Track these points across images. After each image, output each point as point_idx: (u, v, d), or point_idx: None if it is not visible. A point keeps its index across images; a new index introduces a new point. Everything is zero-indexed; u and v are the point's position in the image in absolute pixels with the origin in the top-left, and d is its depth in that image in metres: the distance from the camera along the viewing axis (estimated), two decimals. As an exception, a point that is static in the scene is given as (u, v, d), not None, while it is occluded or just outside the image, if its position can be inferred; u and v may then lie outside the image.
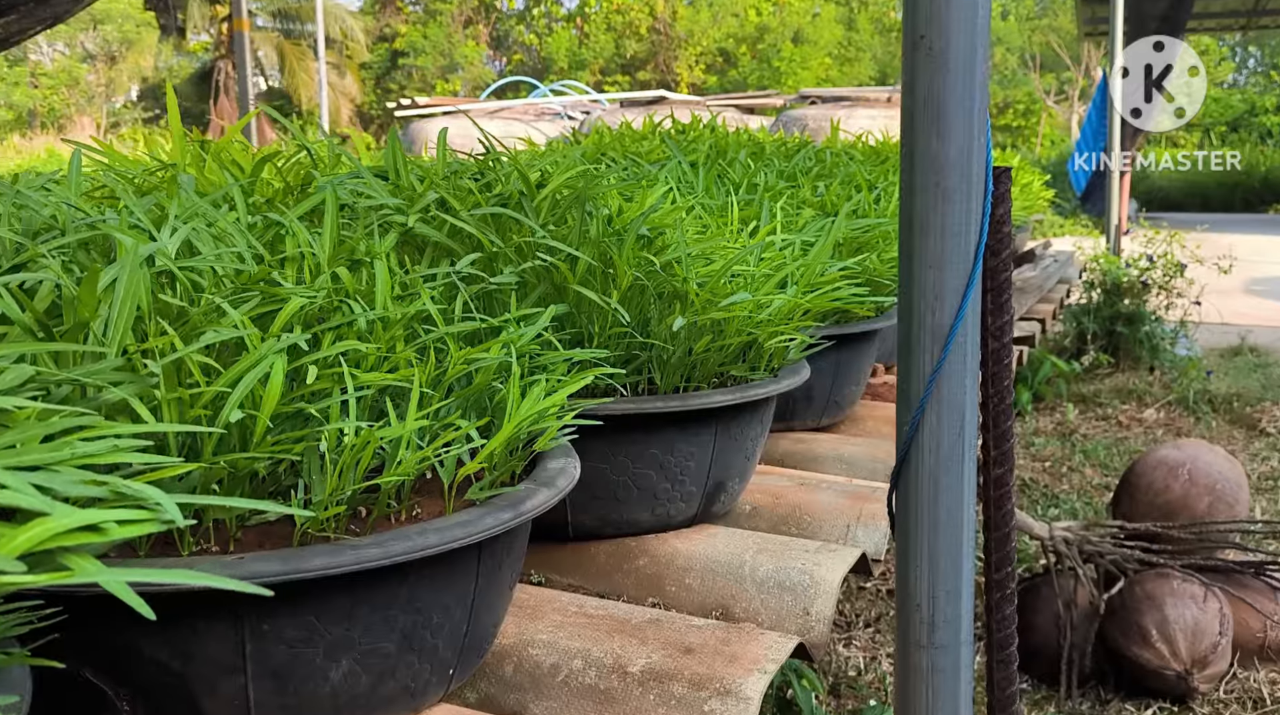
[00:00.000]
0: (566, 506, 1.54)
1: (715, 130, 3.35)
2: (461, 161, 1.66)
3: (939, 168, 0.77)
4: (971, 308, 0.80)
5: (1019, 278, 4.31)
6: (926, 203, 0.78)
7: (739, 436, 1.62)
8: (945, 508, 0.83)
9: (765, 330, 1.59)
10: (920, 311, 0.81)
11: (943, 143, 0.76)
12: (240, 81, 6.40)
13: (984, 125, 0.78)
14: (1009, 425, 0.82)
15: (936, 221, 0.77)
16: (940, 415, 0.82)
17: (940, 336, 0.80)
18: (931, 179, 0.77)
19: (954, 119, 0.76)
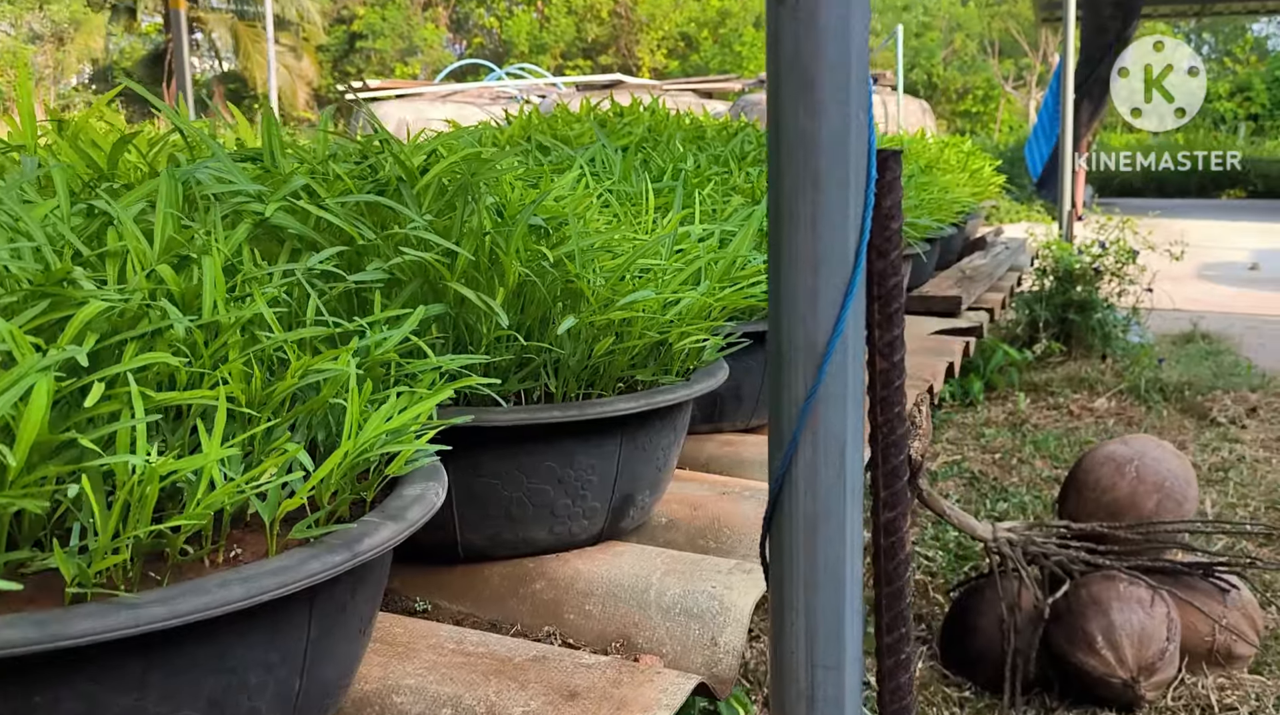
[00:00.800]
0: (455, 525, 1.40)
1: (656, 113, 3.21)
2: (347, 143, 1.50)
3: (809, 149, 0.63)
4: (853, 320, 0.66)
5: (969, 266, 4.21)
6: (795, 191, 0.64)
7: (648, 446, 1.48)
8: (824, 562, 0.70)
9: (675, 330, 1.46)
10: (790, 323, 0.67)
11: (813, 118, 0.63)
12: (178, 63, 6.18)
13: (865, 99, 0.64)
14: (902, 460, 0.69)
15: (806, 213, 0.64)
16: (816, 449, 0.68)
17: (815, 354, 0.66)
18: (800, 162, 0.63)
19: (826, 90, 0.62)
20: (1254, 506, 3.55)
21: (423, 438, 1.04)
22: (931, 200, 3.28)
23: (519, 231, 1.29)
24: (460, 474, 1.36)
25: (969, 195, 4.07)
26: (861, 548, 0.72)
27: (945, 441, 4.38)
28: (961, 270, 4.06)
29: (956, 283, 3.72)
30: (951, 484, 3.88)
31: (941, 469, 4.01)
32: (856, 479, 0.71)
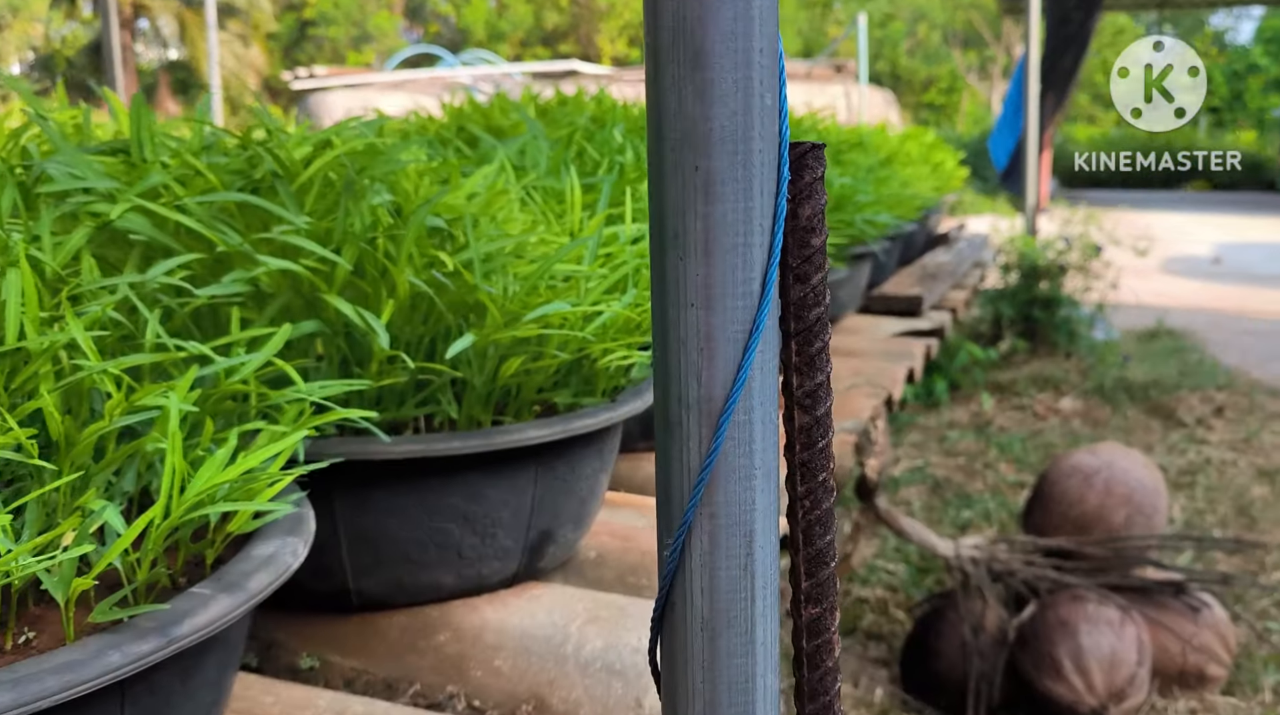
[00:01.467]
0: (346, 570, 1.23)
1: (603, 102, 3.04)
2: (226, 133, 1.33)
3: (698, 145, 0.47)
4: (761, 367, 0.50)
5: (932, 263, 4.07)
6: (682, 201, 0.48)
7: (568, 477, 1.32)
8: (729, 680, 0.54)
9: (598, 346, 1.29)
10: (679, 374, 0.51)
11: (703, 103, 0.46)
12: (106, 50, 5.92)
13: (774, 77, 0.48)
14: (829, 541, 0.53)
15: (696, 231, 0.48)
16: (716, 536, 0.52)
17: (711, 413, 0.50)
18: (687, 163, 0.47)
19: (720, 66, 0.46)
20: (1222, 512, 3.44)
21: (276, 486, 0.86)
22: (891, 195, 3.13)
23: (411, 234, 1.12)
24: (350, 513, 1.19)
25: (931, 189, 3.93)
26: (777, 659, 0.56)
27: (909, 445, 4.25)
28: (924, 267, 3.93)
29: (918, 281, 3.58)
30: (915, 491, 3.74)
31: (904, 475, 3.87)
32: (769, 572, 0.55)
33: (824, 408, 0.54)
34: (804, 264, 0.52)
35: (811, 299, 0.53)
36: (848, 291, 3.06)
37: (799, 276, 0.53)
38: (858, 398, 2.31)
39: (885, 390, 2.40)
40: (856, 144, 3.54)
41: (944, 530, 3.42)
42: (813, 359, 0.54)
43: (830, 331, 0.55)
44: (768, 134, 0.49)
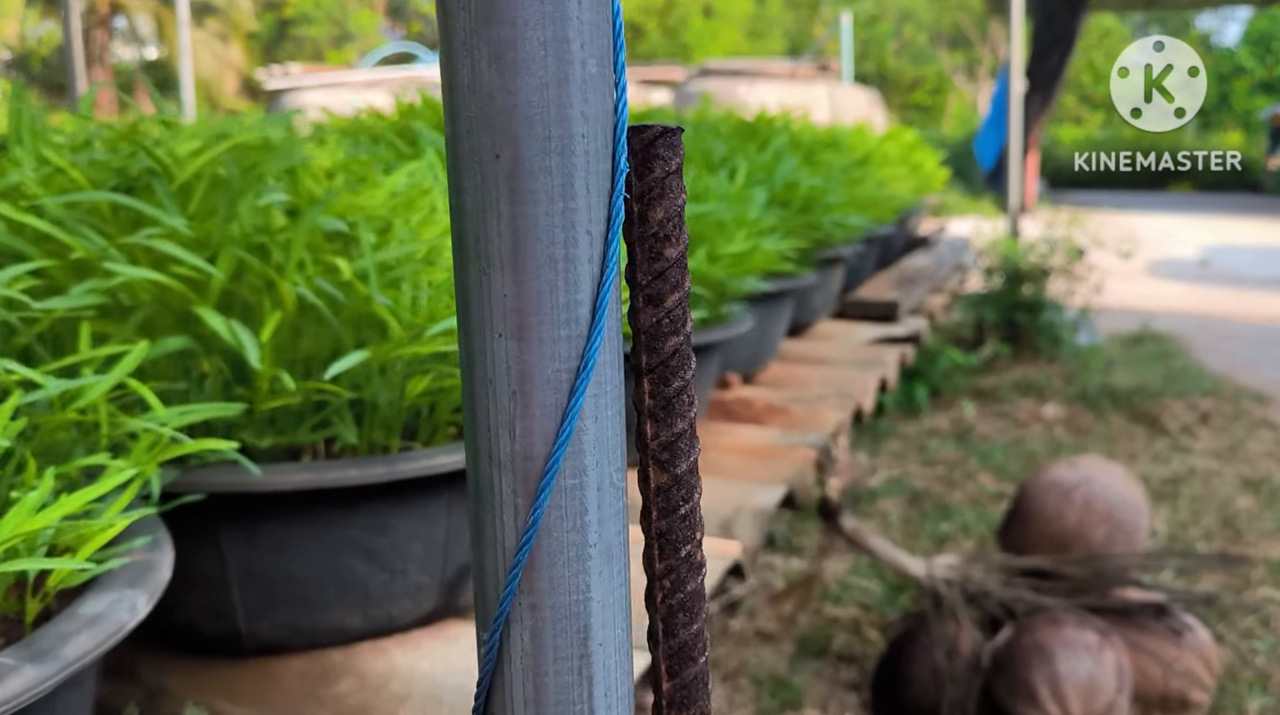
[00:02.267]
0: (238, 612, 1.10)
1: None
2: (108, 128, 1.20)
3: (495, 122, 0.35)
4: (594, 415, 0.38)
5: (911, 266, 3.97)
6: (481, 195, 0.36)
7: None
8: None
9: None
10: (489, 422, 0.39)
11: (501, 69, 0.34)
12: (66, 47, 5.77)
13: (602, 40, 0.36)
14: (696, 631, 0.41)
15: (500, 240, 0.36)
16: (538, 633, 0.41)
17: (528, 476, 0.38)
18: (485, 145, 0.35)
19: (523, 19, 0.34)
20: (1207, 524, 3.34)
21: (110, 530, 0.74)
22: (865, 197, 3.02)
23: (301, 239, 1.00)
24: (240, 550, 1.07)
25: (909, 190, 3.82)
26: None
27: (889, 454, 4.14)
28: (902, 271, 3.82)
29: (895, 285, 3.47)
30: (893, 503, 3.63)
31: (882, 486, 3.76)
32: (615, 677, 0.43)
33: (686, 463, 0.43)
34: (656, 282, 0.41)
35: (668, 326, 0.41)
36: (820, 297, 2.95)
37: (651, 298, 0.41)
38: (825, 410, 2.20)
39: (855, 401, 2.28)
40: (830, 144, 3.43)
41: (922, 544, 3.31)
42: (670, 402, 0.42)
43: (693, 367, 0.43)
44: (595, 113, 0.37)
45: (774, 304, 2.40)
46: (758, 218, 1.98)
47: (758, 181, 2.40)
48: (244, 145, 1.08)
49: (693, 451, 0.43)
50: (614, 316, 0.39)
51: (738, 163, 2.54)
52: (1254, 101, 24.61)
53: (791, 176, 2.48)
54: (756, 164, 2.48)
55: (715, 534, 1.63)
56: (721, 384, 2.32)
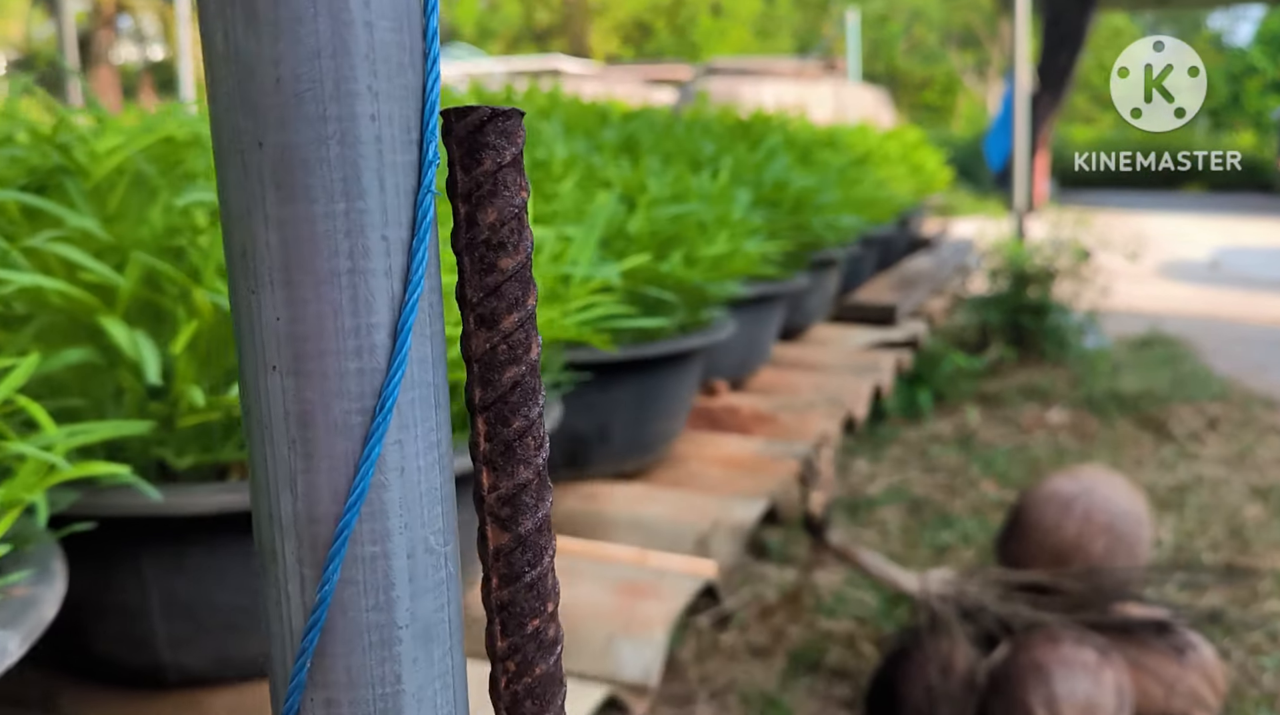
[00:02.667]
0: (159, 641, 1.03)
1: (555, 97, 2.85)
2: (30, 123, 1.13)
3: (255, 101, 0.27)
4: (398, 466, 0.31)
5: (911, 268, 3.88)
6: (244, 193, 0.29)
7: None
8: None
9: (472, 373, 1.09)
10: (268, 476, 0.32)
11: (258, 32, 0.27)
12: (59, 45, 5.73)
13: (411, 4, 0.28)
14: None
15: (269, 243, 0.28)
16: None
17: (315, 541, 0.31)
18: (247, 130, 0.27)
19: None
20: (1214, 534, 3.24)
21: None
22: (862, 197, 2.94)
23: (220, 243, 0.92)
24: (162, 576, 1.00)
25: (910, 191, 3.74)
26: None
27: (890, 460, 4.05)
28: (902, 273, 3.73)
29: (894, 288, 3.38)
30: (892, 511, 3.55)
31: (882, 494, 3.68)
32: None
33: (533, 520, 0.35)
34: (490, 299, 0.33)
35: (505, 353, 0.33)
36: (815, 300, 2.87)
37: (484, 319, 0.33)
38: (815, 418, 2.12)
39: (846, 409, 2.20)
40: (828, 143, 3.35)
41: (921, 554, 3.23)
42: (510, 446, 0.34)
43: (541, 402, 0.35)
44: (390, 90, 0.29)
45: (763, 308, 2.32)
46: (742, 218, 1.90)
47: (746, 181, 2.32)
48: (171, 140, 1.01)
49: (540, 505, 0.35)
50: (428, 343, 0.32)
51: (725, 161, 2.46)
52: (1266, 101, 24.43)
53: (782, 176, 2.40)
54: (745, 163, 2.40)
55: (691, 551, 1.55)
56: (708, 391, 2.24)
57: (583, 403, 1.66)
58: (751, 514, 1.58)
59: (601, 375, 1.65)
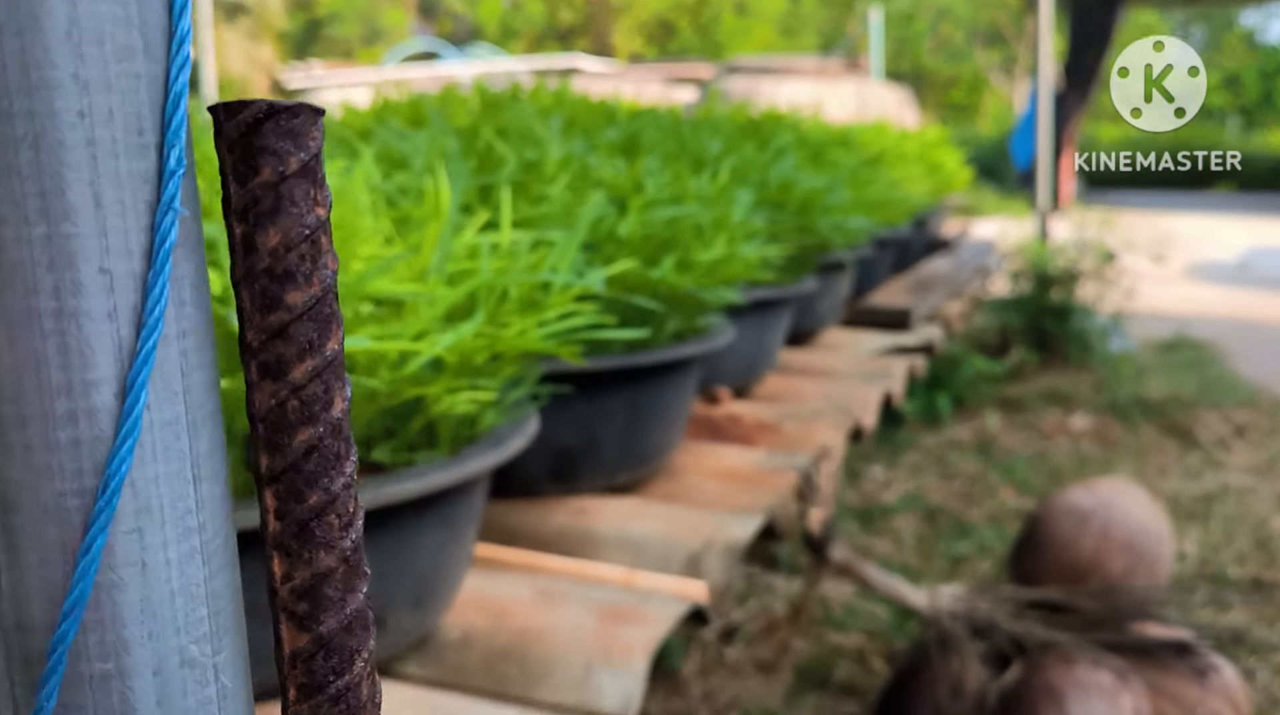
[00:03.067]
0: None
1: (562, 96, 2.79)
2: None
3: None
4: (138, 562, 0.24)
5: (928, 270, 3.79)
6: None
7: (396, 550, 1.06)
8: None
9: (437, 387, 1.03)
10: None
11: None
12: None
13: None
14: None
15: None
16: None
17: (30, 657, 0.24)
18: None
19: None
20: (1240, 547, 3.14)
21: None
22: (876, 198, 2.86)
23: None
24: None
25: (927, 191, 3.65)
26: None
27: (906, 467, 3.97)
28: (918, 276, 3.65)
29: (910, 291, 3.30)
30: (907, 520, 3.46)
31: (898, 502, 3.59)
32: None
33: (339, 617, 0.28)
34: (275, 343, 0.26)
35: (296, 411, 0.27)
36: (825, 303, 2.79)
37: (268, 368, 0.26)
38: (820, 428, 2.04)
39: (854, 418, 2.12)
40: (842, 142, 3.27)
41: (936, 565, 3.14)
42: (307, 527, 0.28)
43: (350, 469, 0.28)
44: (108, 79, 0.22)
45: (769, 313, 2.25)
46: (743, 221, 1.83)
47: (750, 182, 2.25)
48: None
49: (349, 599, 0.29)
50: (181, 401, 0.25)
51: (728, 161, 2.39)
52: (1299, 99, 24.08)
53: (788, 176, 2.32)
54: (751, 163, 2.32)
55: (681, 571, 1.48)
56: (710, 398, 2.17)
57: (570, 414, 1.60)
58: (746, 531, 1.51)
59: (590, 385, 1.58)
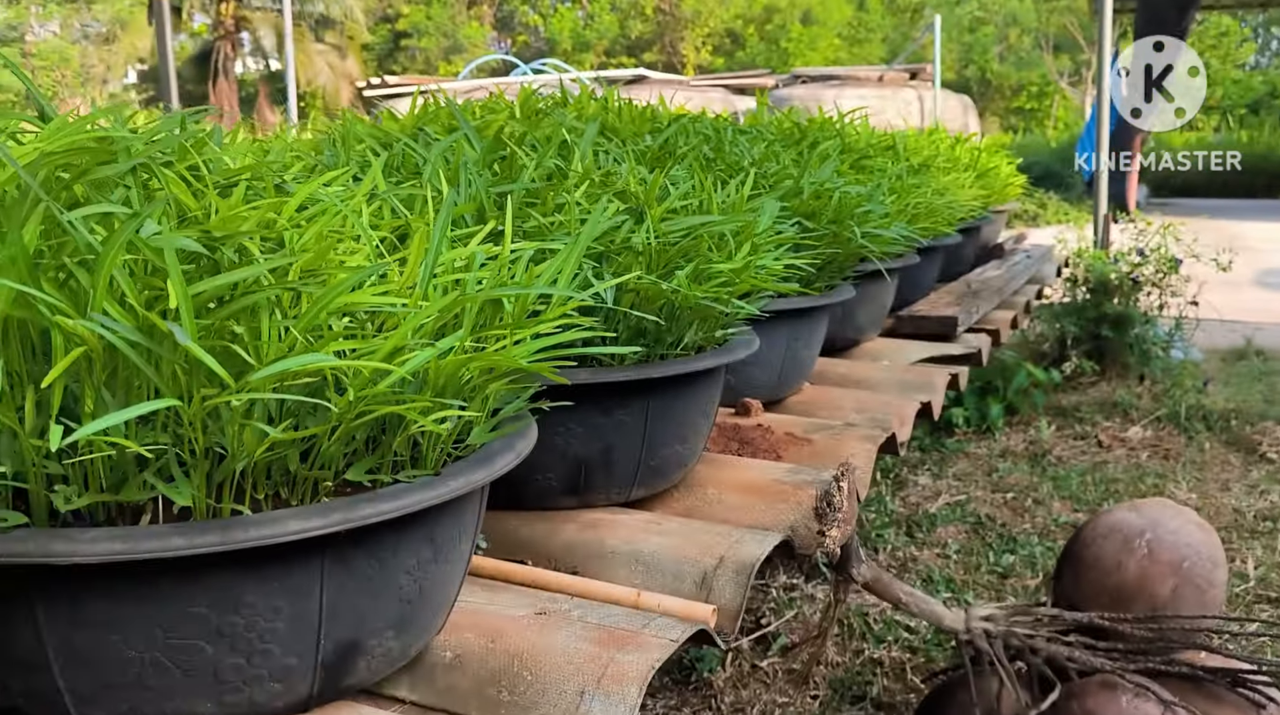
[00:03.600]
0: (63, 697, 0.94)
1: (608, 104, 2.76)
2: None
3: None
4: None
5: (978, 278, 3.70)
6: None
7: (376, 573, 1.02)
8: None
9: (417, 404, 0.99)
10: None
11: None
12: (160, 51, 5.82)
13: None
14: None
15: None
16: None
17: None
18: None
19: None
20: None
21: None
22: (921, 205, 2.79)
23: (107, 264, 0.83)
24: (61, 628, 0.92)
25: (975, 198, 3.55)
26: None
27: (954, 476, 3.87)
28: (968, 283, 3.55)
29: (957, 299, 3.21)
30: (952, 531, 3.37)
31: (942, 511, 3.50)
32: None
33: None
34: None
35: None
36: (866, 312, 2.72)
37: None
38: (851, 441, 1.98)
39: (887, 432, 2.06)
40: (887, 148, 3.19)
41: (981, 578, 3.05)
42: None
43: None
44: None
45: (803, 322, 2.19)
46: (767, 229, 1.78)
47: (784, 189, 2.20)
48: (78, 147, 0.92)
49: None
50: None
51: (768, 168, 2.34)
52: (1381, 102, 23.33)
53: (828, 183, 2.27)
54: (785, 170, 2.27)
55: (691, 590, 1.43)
56: (741, 410, 2.12)
57: (585, 426, 1.56)
58: (762, 550, 1.45)
59: (602, 397, 1.54)
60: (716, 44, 31.00)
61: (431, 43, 31.84)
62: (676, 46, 30.63)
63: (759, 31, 29.85)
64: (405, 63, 32.75)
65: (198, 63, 29.53)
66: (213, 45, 28.49)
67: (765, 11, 29.77)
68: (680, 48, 30.50)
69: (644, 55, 30.29)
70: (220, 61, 27.95)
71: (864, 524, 3.31)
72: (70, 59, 30.81)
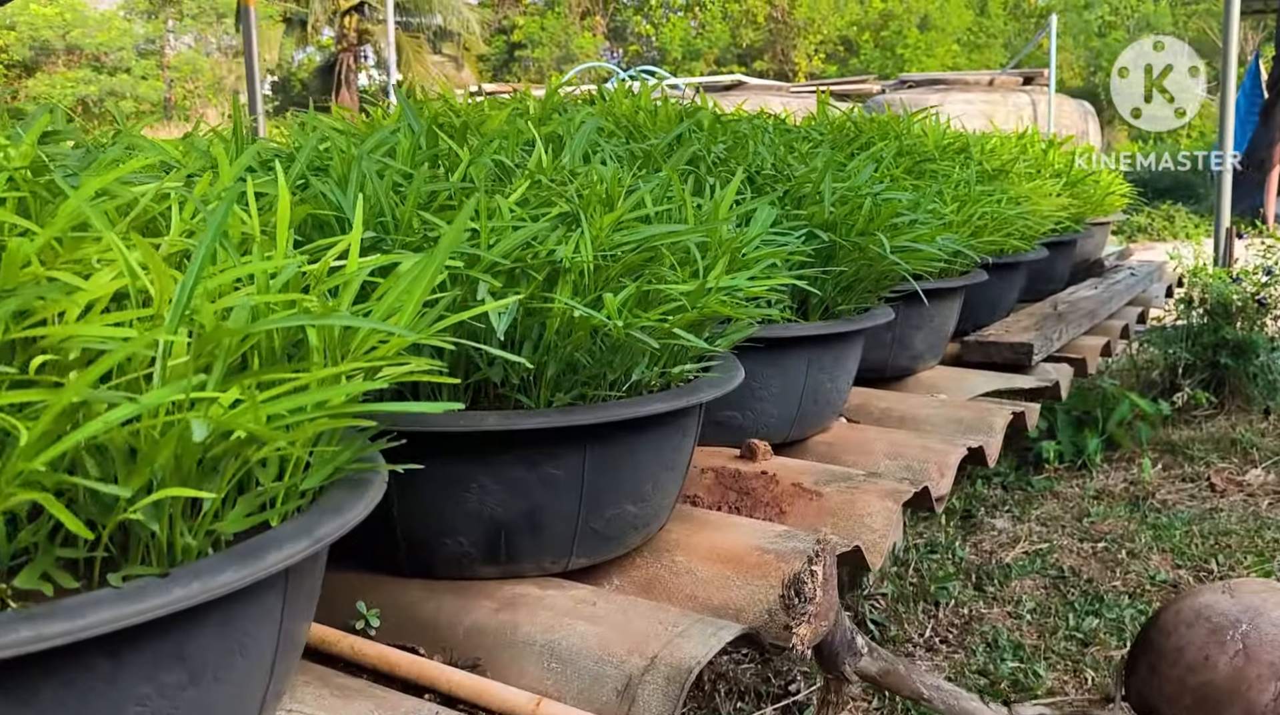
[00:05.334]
0: None
1: (639, 100, 2.49)
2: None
3: None
4: None
5: (1068, 298, 3.29)
6: None
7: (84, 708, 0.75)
8: None
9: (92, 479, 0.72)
10: None
11: None
12: (247, 58, 5.76)
13: None
14: None
15: None
16: None
17: None
18: None
19: None
20: None
21: None
22: (989, 216, 2.43)
23: None
24: None
25: (1060, 208, 3.15)
26: None
27: (1038, 520, 3.46)
28: (1054, 304, 3.15)
29: (1037, 323, 2.82)
30: (1029, 584, 2.97)
31: (1019, 561, 3.10)
32: None
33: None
34: None
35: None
36: (924, 337, 2.37)
37: None
38: (867, 496, 1.64)
39: (918, 485, 1.72)
40: (959, 150, 2.83)
41: (1058, 645, 2.65)
42: None
43: None
44: None
45: (826, 349, 1.86)
46: (754, 238, 1.47)
47: (804, 195, 1.88)
48: None
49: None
50: None
51: (790, 171, 2.03)
52: None
53: (863, 188, 1.94)
54: (807, 175, 1.96)
55: (609, 702, 1.12)
56: (747, 453, 1.80)
57: (502, 482, 1.27)
58: (707, 649, 1.14)
59: (524, 447, 1.25)
60: (830, 51, 30.44)
61: (545, 53, 32.15)
62: (788, 54, 30.20)
63: (874, 39, 29.18)
64: (519, 73, 33.14)
65: (323, 74, 30.45)
66: (336, 58, 29.30)
67: (881, 18, 29.09)
68: (792, 55, 30.05)
69: (755, 63, 29.92)
70: (343, 73, 28.75)
71: (923, 575, 2.93)
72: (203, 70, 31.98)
